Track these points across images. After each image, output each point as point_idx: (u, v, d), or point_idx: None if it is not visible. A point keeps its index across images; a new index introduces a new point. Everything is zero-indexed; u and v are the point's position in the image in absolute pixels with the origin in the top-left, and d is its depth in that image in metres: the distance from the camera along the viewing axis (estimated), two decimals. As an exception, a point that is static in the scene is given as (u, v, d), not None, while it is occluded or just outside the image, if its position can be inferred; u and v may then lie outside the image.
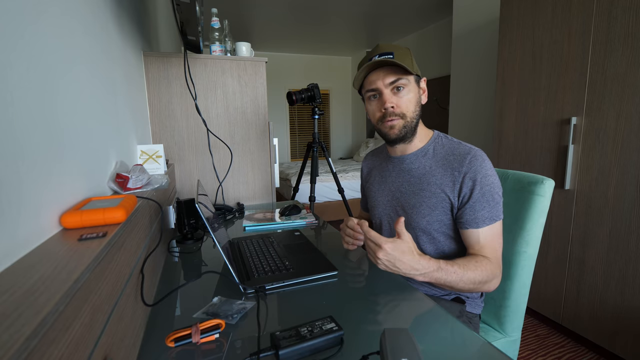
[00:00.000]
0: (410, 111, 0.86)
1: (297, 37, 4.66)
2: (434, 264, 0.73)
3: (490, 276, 0.79)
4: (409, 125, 0.86)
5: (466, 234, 0.84)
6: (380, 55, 0.83)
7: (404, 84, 0.84)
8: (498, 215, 0.82)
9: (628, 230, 1.37)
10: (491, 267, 0.80)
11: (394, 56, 0.82)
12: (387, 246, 0.69)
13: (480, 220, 0.81)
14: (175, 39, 2.74)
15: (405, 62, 0.82)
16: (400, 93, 0.85)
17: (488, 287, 0.81)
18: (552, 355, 1.58)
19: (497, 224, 0.82)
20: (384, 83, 0.84)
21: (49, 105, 0.50)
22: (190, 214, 1.10)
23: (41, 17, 0.50)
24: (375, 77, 0.85)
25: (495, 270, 0.80)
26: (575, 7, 1.51)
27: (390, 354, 0.42)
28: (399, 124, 0.86)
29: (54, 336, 0.28)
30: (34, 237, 0.42)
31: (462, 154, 0.85)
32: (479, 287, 0.80)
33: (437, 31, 4.09)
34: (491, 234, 0.82)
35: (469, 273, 0.77)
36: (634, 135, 1.33)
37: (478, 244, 0.82)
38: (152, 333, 0.63)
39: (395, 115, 0.85)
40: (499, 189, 0.83)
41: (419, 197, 0.89)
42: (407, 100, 0.85)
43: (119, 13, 1.02)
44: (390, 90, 0.85)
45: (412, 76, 0.85)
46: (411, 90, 0.85)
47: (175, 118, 1.52)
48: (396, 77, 0.83)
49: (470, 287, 0.78)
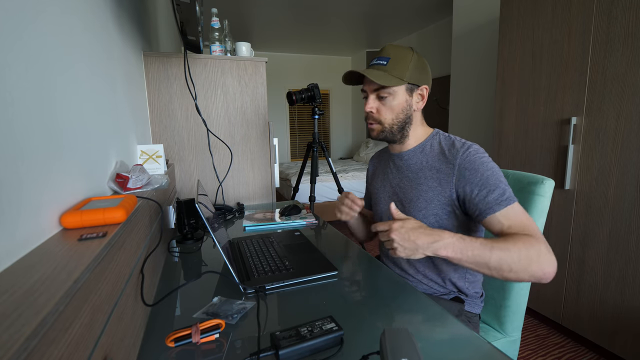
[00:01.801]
0: (389, 118, 0.89)
1: (297, 37, 4.66)
2: (452, 233, 0.71)
3: (533, 251, 0.69)
4: (387, 131, 0.90)
5: (487, 224, 0.78)
6: (378, 59, 0.89)
7: (388, 93, 0.87)
8: (512, 197, 0.77)
9: (628, 230, 1.37)
10: (532, 241, 0.70)
11: (388, 62, 0.87)
12: (395, 225, 0.71)
13: (495, 203, 0.76)
14: (175, 39, 2.74)
15: (396, 71, 0.86)
16: (383, 100, 0.88)
17: (540, 268, 0.68)
18: (552, 355, 1.58)
19: (516, 205, 0.76)
20: (370, 89, 0.89)
21: (49, 105, 0.50)
22: (190, 214, 1.10)
23: (40, 17, 0.50)
24: (366, 81, 0.90)
25: (539, 246, 0.69)
26: (575, 7, 1.51)
27: (390, 354, 0.42)
28: (376, 128, 0.91)
29: (54, 336, 0.28)
30: (34, 237, 0.42)
31: (456, 148, 0.85)
32: (528, 268, 0.68)
33: (437, 31, 4.09)
34: (515, 213, 0.75)
35: (500, 244, 0.69)
36: (634, 135, 1.33)
37: (503, 226, 0.75)
38: (152, 333, 0.62)
39: (373, 120, 0.91)
40: (501, 174, 0.80)
41: (416, 191, 0.90)
42: (388, 108, 0.89)
43: (119, 13, 1.02)
44: (375, 96, 0.89)
45: (402, 85, 0.87)
46: (396, 99, 0.88)
47: (175, 118, 1.52)
48: (379, 86, 0.87)
49: (510, 263, 0.68)
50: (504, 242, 0.70)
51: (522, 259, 0.68)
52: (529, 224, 0.75)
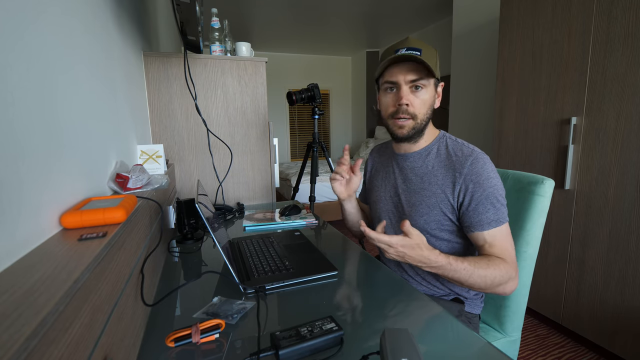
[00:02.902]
0: (422, 113, 0.85)
1: (297, 37, 4.66)
2: (442, 259, 0.75)
3: (505, 277, 0.77)
4: (418, 127, 0.86)
5: (473, 237, 0.83)
6: (408, 49, 0.81)
7: (424, 84, 0.83)
8: (504, 218, 0.81)
9: (628, 230, 1.37)
10: (506, 267, 0.77)
11: (422, 54, 0.80)
12: (398, 244, 0.72)
13: (486, 222, 0.80)
14: (175, 39, 2.74)
15: (431, 63, 0.80)
16: (418, 92, 0.84)
17: (504, 290, 0.79)
18: (552, 355, 1.58)
19: (504, 226, 0.81)
20: (405, 79, 0.82)
21: (49, 105, 0.50)
22: (190, 214, 1.10)
23: (41, 17, 0.50)
24: (398, 71, 0.83)
25: (509, 271, 0.77)
26: (575, 7, 1.51)
27: (390, 354, 0.42)
28: (409, 125, 0.86)
29: (54, 336, 0.28)
30: (34, 237, 0.42)
31: (464, 155, 0.84)
32: (494, 288, 0.78)
33: (437, 31, 4.09)
34: (500, 235, 0.80)
35: (480, 270, 0.75)
36: (634, 135, 1.33)
37: (486, 243, 0.81)
38: (152, 333, 0.62)
39: (408, 114, 0.84)
40: (502, 192, 0.82)
41: (419, 196, 0.89)
42: (422, 102, 0.84)
43: (119, 13, 1.02)
44: (409, 87, 0.83)
45: (433, 79, 0.84)
46: (428, 92, 0.84)
47: (175, 118, 1.52)
48: (418, 76, 0.82)
49: (482, 285, 0.76)
50: (484, 269, 0.76)
51: (495, 283, 0.77)
52: (509, 248, 0.81)
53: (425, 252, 0.74)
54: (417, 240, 0.73)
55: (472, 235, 0.83)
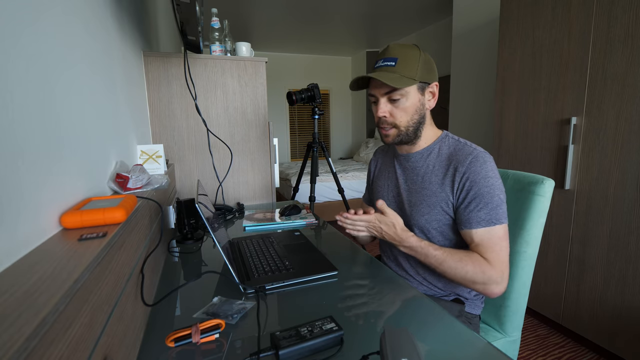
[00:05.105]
0: (404, 121, 0.86)
1: (297, 37, 4.66)
2: (414, 241, 0.83)
3: (480, 276, 0.77)
4: (403, 134, 0.88)
5: (463, 234, 0.84)
6: (384, 61, 0.84)
7: (401, 94, 0.84)
8: (498, 219, 0.79)
9: (628, 230, 1.37)
10: (484, 267, 0.78)
11: (397, 62, 0.82)
12: (375, 219, 0.85)
13: (475, 221, 0.80)
14: (175, 39, 2.74)
15: (406, 71, 0.82)
16: (397, 103, 0.85)
17: (484, 290, 0.79)
18: (552, 355, 1.58)
19: (497, 227, 0.79)
20: (380, 92, 0.85)
21: (49, 105, 0.50)
22: (190, 214, 1.10)
23: (41, 17, 0.50)
24: (374, 85, 0.86)
25: (491, 273, 0.77)
26: (575, 7, 1.51)
27: (390, 354, 0.42)
28: (392, 133, 0.88)
29: (54, 336, 0.28)
30: (34, 237, 0.42)
31: (464, 154, 0.84)
32: (469, 284, 0.79)
33: (437, 31, 4.09)
34: (489, 236, 0.79)
35: (450, 262, 0.79)
36: (634, 135, 1.33)
37: (473, 242, 0.81)
38: (152, 333, 0.63)
39: (388, 124, 0.87)
40: (500, 192, 0.81)
41: (420, 195, 0.89)
42: (402, 110, 0.85)
43: (119, 13, 1.02)
44: (386, 99, 0.86)
45: (413, 85, 0.84)
46: (409, 100, 0.85)
47: (175, 118, 1.52)
48: (391, 89, 0.83)
49: (452, 276, 0.80)
50: (456, 262, 0.80)
51: (467, 279, 0.79)
52: (497, 250, 0.80)
53: (399, 231, 0.84)
54: (392, 219, 0.84)
55: (462, 232, 0.84)
